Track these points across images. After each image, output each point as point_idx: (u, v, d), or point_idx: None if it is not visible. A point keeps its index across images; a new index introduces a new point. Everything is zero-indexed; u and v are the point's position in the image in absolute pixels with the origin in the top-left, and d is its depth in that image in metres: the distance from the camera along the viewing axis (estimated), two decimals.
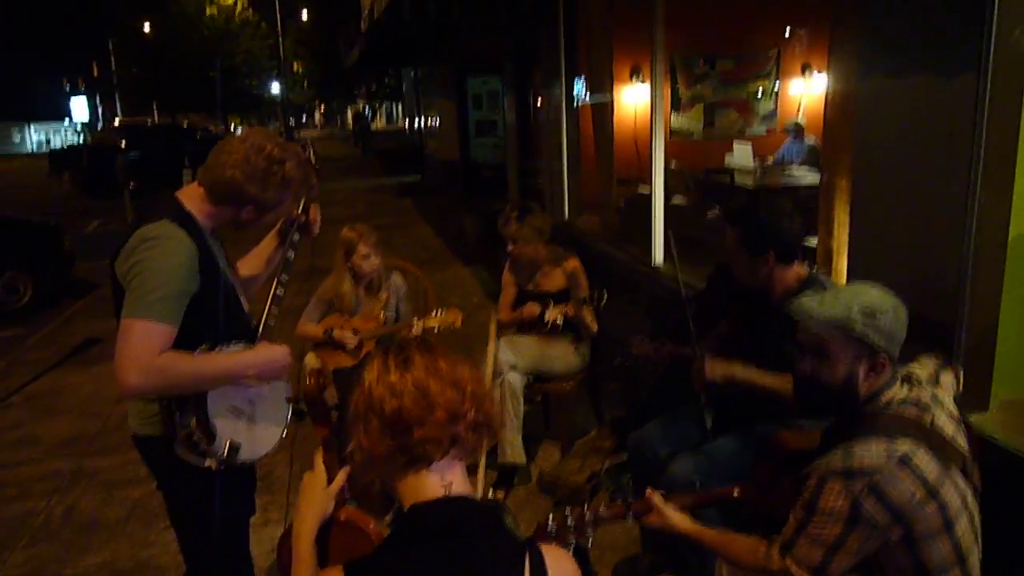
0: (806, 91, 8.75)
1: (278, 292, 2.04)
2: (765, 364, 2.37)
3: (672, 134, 8.45)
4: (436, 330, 3.44)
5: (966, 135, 2.37)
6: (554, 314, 3.43)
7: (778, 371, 2.33)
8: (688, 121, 8.64)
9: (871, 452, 1.48)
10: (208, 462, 1.87)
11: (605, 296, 3.28)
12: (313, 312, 3.55)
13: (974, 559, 1.54)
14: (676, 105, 8.53)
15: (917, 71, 2.53)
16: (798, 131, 8.24)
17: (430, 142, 16.30)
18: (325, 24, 28.34)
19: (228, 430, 1.88)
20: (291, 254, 2.10)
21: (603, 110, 6.25)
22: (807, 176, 7.51)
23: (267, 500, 3.49)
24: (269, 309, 2.01)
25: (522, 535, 1.44)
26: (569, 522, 1.86)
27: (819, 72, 8.61)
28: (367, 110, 36.91)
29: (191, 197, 1.90)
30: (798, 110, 8.73)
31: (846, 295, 1.61)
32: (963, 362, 2.49)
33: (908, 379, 1.62)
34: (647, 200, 6.40)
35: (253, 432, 1.97)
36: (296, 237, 2.12)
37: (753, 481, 1.89)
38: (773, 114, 8.87)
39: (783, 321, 2.35)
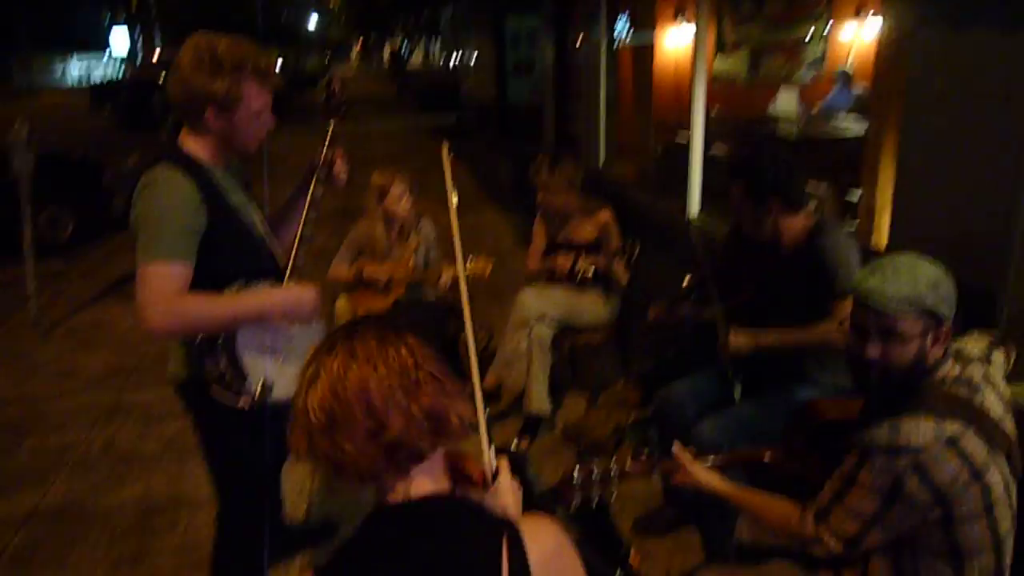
0: (858, 35, 8.38)
1: (305, 232, 2.03)
2: (783, 315, 2.34)
3: (715, 78, 8.19)
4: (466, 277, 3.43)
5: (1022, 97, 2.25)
6: (584, 265, 3.39)
7: (798, 321, 2.31)
8: (733, 64, 8.32)
9: (919, 430, 1.43)
10: (241, 401, 1.89)
11: (637, 249, 3.22)
12: (344, 256, 3.56)
13: (1008, 545, 1.51)
14: (721, 47, 8.23)
15: (978, 25, 2.39)
16: (846, 79, 7.93)
17: (467, 82, 16.05)
18: None
19: (260, 369, 1.90)
20: (319, 192, 2.08)
21: (643, 52, 6.07)
22: (853, 127, 7.27)
23: None
24: (297, 248, 2.01)
25: (544, 485, 1.39)
26: (595, 475, 1.86)
27: (875, 15, 8.23)
28: (404, 48, 36.43)
29: (186, 138, 1.89)
30: (848, 56, 8.38)
31: (905, 270, 1.54)
32: (1005, 328, 2.42)
33: (959, 355, 1.57)
34: (685, 149, 6.27)
35: (287, 370, 1.98)
36: (323, 173, 2.09)
37: (785, 447, 1.86)
38: (822, 59, 8.51)
39: (797, 271, 2.32)
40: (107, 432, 3.78)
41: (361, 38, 52.77)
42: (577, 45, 7.68)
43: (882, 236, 3.22)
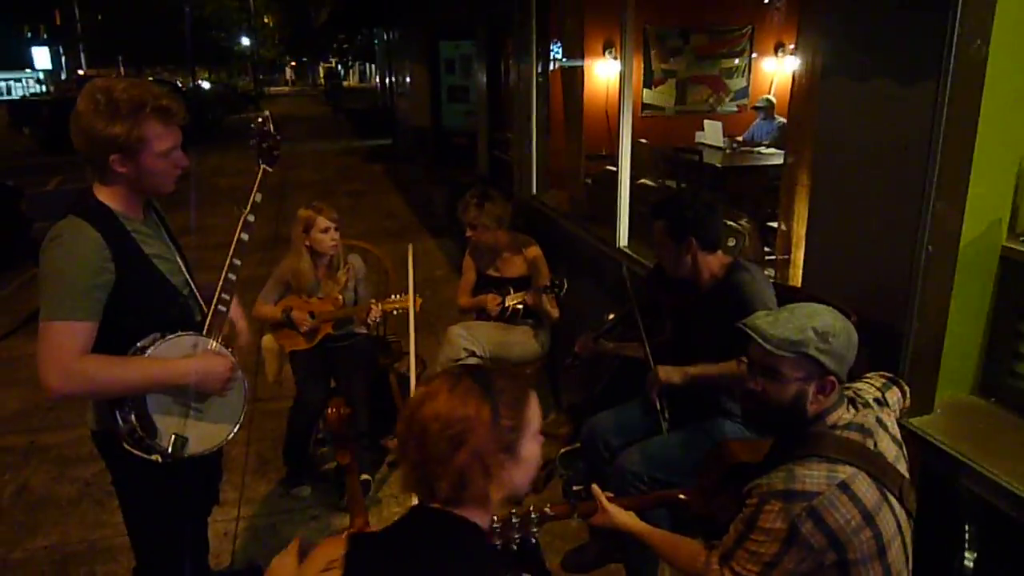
0: (778, 69, 8.74)
1: (230, 276, 2.00)
2: (703, 351, 2.42)
3: (644, 109, 8.42)
4: (395, 312, 3.43)
5: (923, 142, 2.39)
6: (514, 301, 3.43)
7: (718, 356, 2.40)
8: (660, 96, 8.60)
9: (812, 476, 1.51)
10: (154, 456, 1.85)
11: (565, 285, 3.28)
12: (270, 293, 3.51)
13: None
14: (649, 80, 8.48)
15: (878, 75, 2.53)
16: (769, 110, 8.25)
17: (401, 106, 16.05)
18: None
19: (172, 424, 1.86)
20: (245, 236, 2.04)
21: (574, 83, 6.19)
22: (775, 156, 7.56)
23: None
24: (219, 296, 1.97)
25: None
26: (514, 520, 1.87)
27: (792, 53, 8.60)
28: (340, 68, 36.23)
29: (99, 188, 1.84)
30: (770, 88, 8.73)
31: (799, 316, 1.62)
32: (909, 365, 2.54)
33: (853, 401, 1.65)
34: (616, 178, 6.41)
35: (202, 425, 1.94)
36: (251, 219, 2.06)
37: (699, 487, 1.92)
38: (745, 92, 8.86)
39: (713, 307, 2.42)
40: (20, 476, 3.62)
41: (293, 60, 52.27)
42: (509, 74, 7.79)
43: (798, 270, 3.35)
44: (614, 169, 6.66)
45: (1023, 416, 2.63)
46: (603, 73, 7.72)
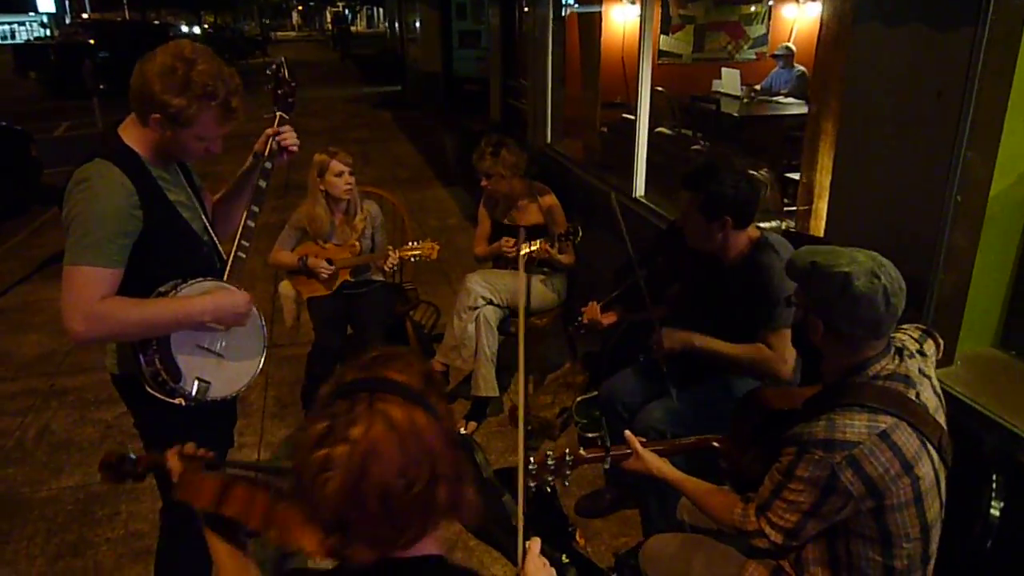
0: (799, 16, 8.52)
1: (249, 223, 1.98)
2: (716, 326, 2.38)
3: (660, 56, 8.24)
4: (412, 259, 3.42)
5: (958, 90, 2.33)
6: (529, 248, 3.40)
7: (732, 334, 2.35)
8: (677, 43, 8.41)
9: (854, 425, 1.50)
10: (177, 399, 1.86)
11: (580, 232, 3.25)
12: (287, 239, 3.50)
13: (936, 531, 1.59)
14: (666, 26, 8.28)
15: (914, 20, 2.45)
16: (788, 58, 8.06)
17: (411, 51, 15.77)
18: None
19: (195, 368, 1.87)
20: (263, 183, 2.00)
21: (591, 29, 6.06)
22: (793, 106, 7.42)
23: (242, 424, 3.51)
24: (239, 243, 1.96)
25: (492, 467, 1.38)
26: (549, 462, 1.89)
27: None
28: (347, 12, 35.59)
29: (128, 128, 1.81)
30: (790, 36, 8.52)
31: (838, 258, 1.61)
32: (933, 316, 2.52)
33: (900, 352, 1.63)
34: (632, 126, 6.31)
35: (224, 368, 1.95)
36: (268, 165, 2.03)
37: (733, 435, 1.92)
38: (764, 39, 8.65)
39: (736, 284, 2.36)
40: (41, 419, 3.67)
41: (300, 4, 51.29)
42: (523, 19, 7.62)
43: (820, 221, 3.31)
44: (630, 118, 6.57)
45: None
46: (620, 18, 7.53)
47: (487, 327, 3.38)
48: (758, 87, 8.12)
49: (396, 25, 18.80)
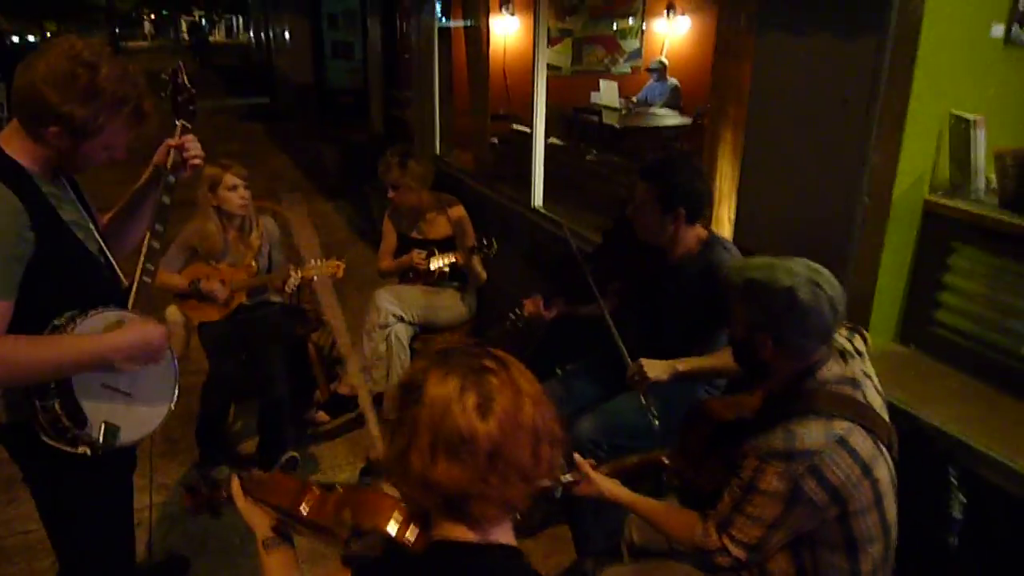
0: (670, 32, 8.86)
1: (153, 244, 1.77)
2: (663, 324, 2.36)
3: None
4: (315, 279, 3.21)
5: (863, 96, 2.42)
6: (440, 262, 3.29)
7: (686, 335, 2.35)
8: (557, 56, 8.53)
9: (811, 433, 1.49)
10: (81, 448, 1.61)
11: (495, 245, 3.17)
12: (174, 260, 3.20)
13: (895, 530, 1.61)
14: (546, 38, 8.36)
15: (818, 30, 2.53)
16: (661, 71, 8.36)
17: (280, 62, 15.21)
18: None
19: (101, 411, 1.63)
20: (166, 199, 1.81)
21: (478, 40, 5.99)
22: (669, 117, 7.70)
23: None
24: (143, 266, 1.75)
25: None
26: None
27: (682, 15, 8.74)
28: (204, 21, 34.09)
29: (11, 138, 1.57)
30: (661, 50, 8.84)
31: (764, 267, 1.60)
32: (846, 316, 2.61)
33: (842, 354, 1.64)
34: (522, 137, 6.30)
35: (133, 409, 1.72)
36: (171, 179, 1.82)
37: (681, 449, 1.88)
38: (638, 53, 8.94)
39: (681, 281, 2.37)
40: None
41: (152, 12, 48.63)
42: (407, 30, 7.48)
43: (722, 226, 3.38)
44: (521, 129, 6.58)
45: (942, 361, 2.77)
46: (500, 31, 7.56)
47: (399, 345, 3.23)
48: (635, 99, 8.37)
49: (263, 35, 18.10)
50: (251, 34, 22.25)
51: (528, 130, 6.13)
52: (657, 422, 2.40)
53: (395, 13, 7.83)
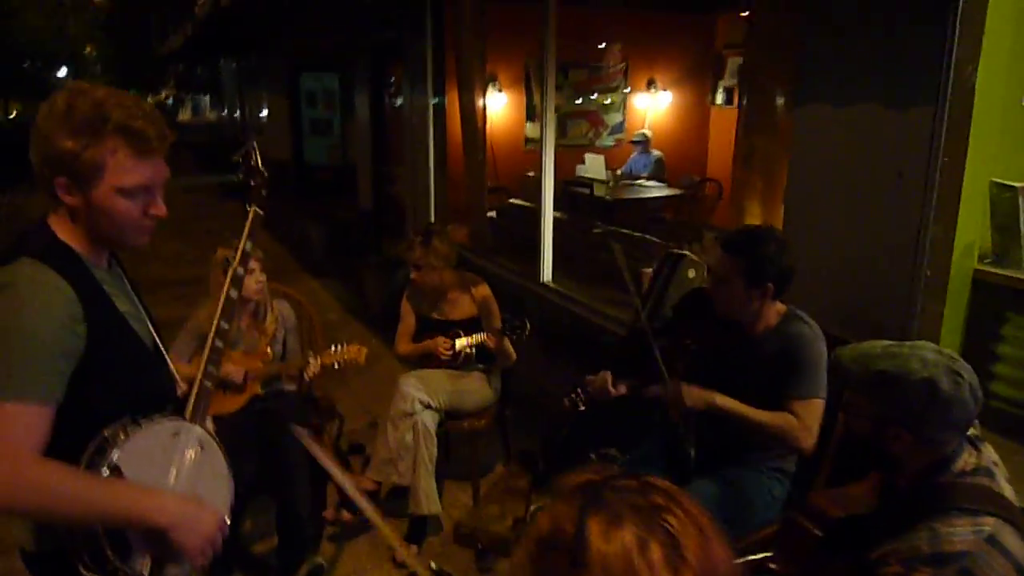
0: (651, 105, 9.02)
1: (217, 344, 1.59)
2: (748, 400, 2.22)
3: (527, 143, 8.38)
4: (337, 366, 3.02)
5: (920, 169, 2.37)
6: (467, 344, 3.12)
7: (752, 404, 2.21)
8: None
9: (956, 532, 1.34)
10: None
11: (528, 325, 3.03)
12: (184, 347, 2.97)
13: None
14: (531, 114, 8.45)
15: (866, 100, 2.50)
16: (645, 144, 8.45)
17: (256, 138, 15.18)
18: (129, 3, 25.68)
19: (148, 541, 1.41)
20: (234, 293, 1.66)
21: (474, 115, 5.99)
22: (655, 188, 7.75)
23: None
24: (205, 369, 1.56)
25: None
26: None
27: (664, 89, 8.92)
28: (170, 100, 34.26)
29: (57, 220, 1.39)
30: (644, 123, 8.97)
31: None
32: None
33: (971, 441, 1.50)
34: (518, 210, 6.25)
35: None
36: (240, 271, 1.67)
37: (782, 553, 1.71)
38: (621, 126, 9.05)
39: (760, 356, 2.22)
40: None
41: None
42: (396, 105, 7.48)
43: None
44: (516, 202, 6.53)
45: (1001, 435, 2.67)
46: (491, 106, 7.59)
47: (426, 434, 3.03)
48: (619, 171, 8.42)
49: (237, 112, 18.14)
50: (221, 112, 22.31)
51: (525, 203, 6.12)
52: (694, 452, 2.31)
53: (382, 91, 7.85)
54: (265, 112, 13.93)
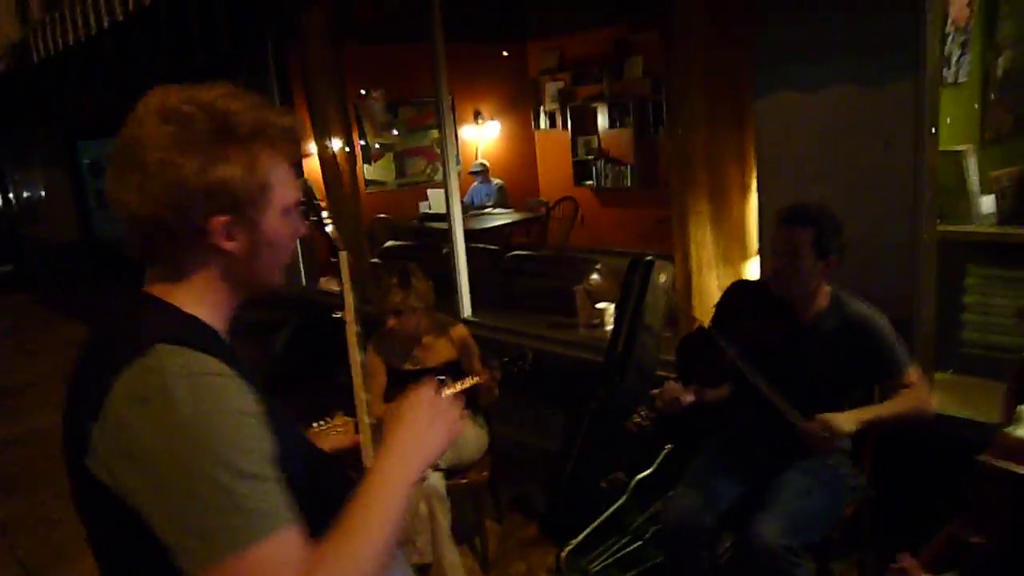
0: (480, 135, 9.08)
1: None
2: (810, 385, 2.17)
3: (368, 185, 8.07)
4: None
5: (906, 138, 2.49)
6: (458, 389, 2.84)
7: (837, 395, 2.18)
8: (381, 171, 8.36)
9: None
10: None
11: (530, 356, 2.82)
12: None
13: None
14: (367, 155, 8.16)
15: (841, 81, 2.59)
16: (484, 173, 8.49)
17: (29, 222, 13.23)
18: None
19: None
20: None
21: (339, 161, 5.65)
22: (503, 216, 7.83)
23: None
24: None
25: None
26: None
27: (491, 119, 9.02)
28: None
29: (172, 291, 1.00)
30: (476, 154, 9.00)
31: None
32: (920, 352, 2.59)
33: None
34: (399, 251, 5.96)
35: None
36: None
37: (981, 510, 1.63)
38: (456, 159, 9.00)
39: (820, 338, 2.17)
40: None
41: None
42: None
43: (705, 297, 3.32)
44: (395, 243, 6.24)
45: (983, 376, 2.88)
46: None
47: (439, 500, 2.70)
48: (462, 202, 8.37)
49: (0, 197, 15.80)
50: None
51: (407, 242, 5.85)
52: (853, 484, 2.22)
53: None
54: (39, 190, 12.26)
